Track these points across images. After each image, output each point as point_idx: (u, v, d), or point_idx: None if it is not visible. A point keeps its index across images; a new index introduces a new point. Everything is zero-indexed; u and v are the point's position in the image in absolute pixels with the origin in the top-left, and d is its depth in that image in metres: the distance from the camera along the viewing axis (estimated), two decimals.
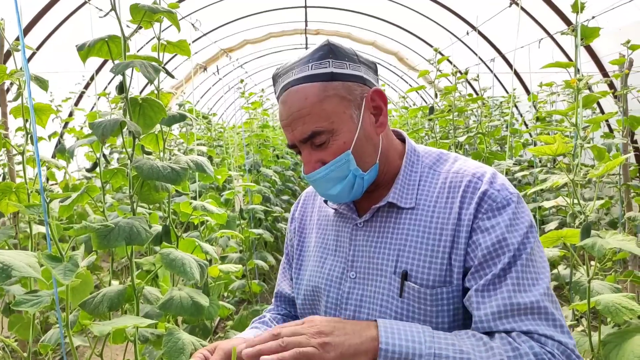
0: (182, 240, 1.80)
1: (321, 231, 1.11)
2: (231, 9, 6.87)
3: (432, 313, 0.91)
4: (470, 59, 6.59)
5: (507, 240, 0.87)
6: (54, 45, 4.84)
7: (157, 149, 1.82)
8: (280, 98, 0.95)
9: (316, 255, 1.09)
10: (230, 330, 2.58)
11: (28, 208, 1.02)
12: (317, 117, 0.90)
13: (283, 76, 0.96)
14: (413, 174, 1.00)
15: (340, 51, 0.94)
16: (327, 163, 0.93)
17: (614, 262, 2.93)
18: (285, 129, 0.94)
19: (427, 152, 1.04)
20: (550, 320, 0.84)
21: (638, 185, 3.41)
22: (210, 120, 6.17)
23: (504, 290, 0.85)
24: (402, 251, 0.95)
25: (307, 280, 1.09)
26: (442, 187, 0.96)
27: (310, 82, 0.91)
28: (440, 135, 4.06)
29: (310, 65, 0.92)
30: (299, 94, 0.91)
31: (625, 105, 3.05)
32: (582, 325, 2.34)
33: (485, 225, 0.89)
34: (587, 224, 1.44)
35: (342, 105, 0.91)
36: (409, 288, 0.92)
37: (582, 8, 1.88)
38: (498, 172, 0.97)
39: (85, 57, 1.30)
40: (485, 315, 0.85)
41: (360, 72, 0.95)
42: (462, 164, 0.98)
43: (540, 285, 0.86)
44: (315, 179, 0.94)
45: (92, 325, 1.01)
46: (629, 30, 4.03)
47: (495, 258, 0.87)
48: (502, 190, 0.91)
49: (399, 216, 0.97)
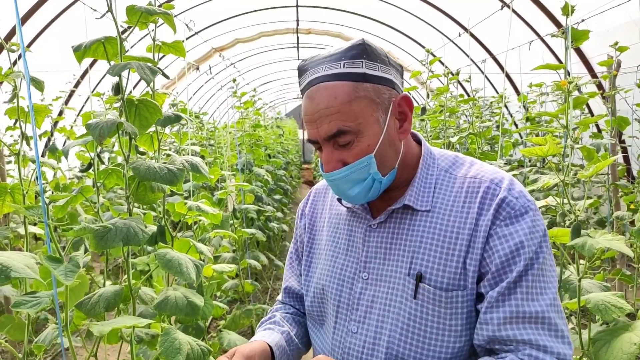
0: (176, 241, 1.80)
1: (332, 229, 1.10)
2: (223, 8, 6.85)
3: (447, 315, 0.92)
4: (461, 60, 6.64)
5: (524, 249, 0.88)
6: (43, 44, 4.80)
7: (151, 149, 1.81)
8: (306, 92, 0.93)
9: (327, 254, 1.08)
10: (224, 330, 2.58)
11: (28, 209, 1.02)
12: (345, 117, 0.89)
13: (312, 69, 0.93)
14: (429, 176, 0.99)
15: (374, 52, 0.92)
16: (348, 164, 0.92)
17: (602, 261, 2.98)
18: (309, 124, 0.93)
19: (443, 155, 1.04)
20: (553, 330, 0.87)
21: (626, 184, 3.46)
22: (202, 120, 6.15)
23: (513, 298, 0.87)
24: (417, 253, 0.95)
25: (317, 279, 1.09)
26: (459, 191, 0.96)
27: (341, 80, 0.89)
28: (432, 135, 4.09)
29: (343, 63, 0.90)
30: (329, 91, 0.89)
31: (613, 106, 3.10)
32: (572, 323, 2.38)
33: (504, 232, 0.89)
34: (577, 224, 1.47)
35: (371, 107, 0.90)
36: (424, 290, 0.92)
37: (572, 11, 1.91)
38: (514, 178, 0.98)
39: (81, 58, 1.30)
40: (491, 320, 0.88)
41: (390, 76, 0.94)
42: (479, 168, 0.98)
43: (547, 295, 0.88)
44: (335, 179, 0.94)
45: (91, 325, 1.01)
46: (616, 31, 4.10)
47: (512, 265, 0.88)
48: (520, 198, 0.92)
49: (415, 218, 0.97)
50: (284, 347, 1.08)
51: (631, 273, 2.75)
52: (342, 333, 1.02)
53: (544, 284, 0.89)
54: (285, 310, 1.21)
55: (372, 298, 0.98)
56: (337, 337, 1.02)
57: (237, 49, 8.58)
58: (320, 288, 1.07)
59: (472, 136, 3.14)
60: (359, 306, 1.00)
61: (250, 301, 3.89)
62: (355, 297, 1.00)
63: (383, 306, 0.97)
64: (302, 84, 0.95)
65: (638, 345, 1.31)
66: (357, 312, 1.00)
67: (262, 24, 7.96)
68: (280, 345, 1.07)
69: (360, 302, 1.00)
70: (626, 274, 2.68)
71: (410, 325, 0.93)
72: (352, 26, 8.00)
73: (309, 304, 1.12)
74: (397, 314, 0.95)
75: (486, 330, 0.88)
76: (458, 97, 4.00)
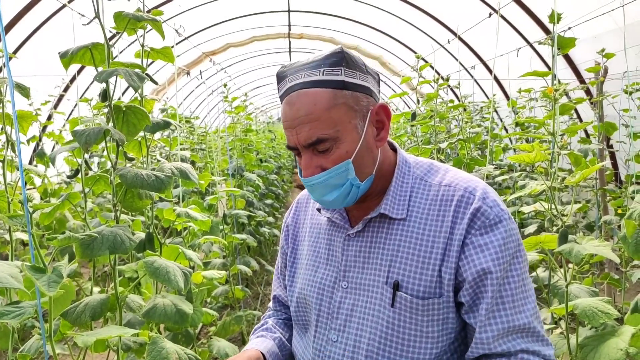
0: (165, 247, 1.79)
1: (313, 239, 1.11)
2: (214, 13, 6.84)
3: (423, 322, 0.93)
4: (452, 65, 6.69)
5: (500, 260, 0.90)
6: (32, 48, 4.76)
7: (139, 155, 1.80)
8: (286, 98, 0.94)
9: (308, 263, 1.10)
10: (214, 337, 2.56)
11: (11, 218, 1.00)
12: (324, 124, 0.90)
13: (291, 76, 0.94)
14: (404, 184, 1.00)
15: (353, 60, 0.93)
16: (326, 169, 0.93)
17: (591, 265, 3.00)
18: (288, 130, 0.93)
19: (418, 162, 1.05)
20: (536, 336, 0.91)
21: (614, 189, 3.50)
22: (192, 124, 6.12)
23: (503, 314, 0.90)
24: (394, 262, 0.96)
25: (299, 289, 1.10)
26: (433, 200, 0.97)
27: (321, 87, 0.90)
28: (422, 140, 4.11)
29: (322, 70, 0.91)
30: (309, 98, 0.90)
31: (601, 111, 3.13)
32: (561, 327, 2.40)
33: (479, 241, 0.91)
34: (564, 230, 1.48)
35: (349, 114, 0.91)
36: (401, 298, 0.94)
37: (559, 19, 1.93)
38: (489, 186, 0.99)
39: (68, 64, 1.29)
40: (487, 339, 0.90)
41: (368, 84, 0.95)
42: (454, 176, 0.99)
43: (530, 304, 0.92)
44: (314, 184, 0.94)
45: (75, 336, 1.00)
46: (604, 37, 4.15)
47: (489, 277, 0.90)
48: (494, 207, 0.93)
49: (391, 227, 0.98)
50: (276, 353, 1.11)
51: (619, 277, 2.77)
52: (322, 342, 1.03)
53: (526, 292, 0.92)
54: (277, 317, 1.23)
55: (351, 307, 1.00)
56: (318, 346, 1.04)
57: (229, 53, 8.57)
58: (303, 298, 1.09)
59: (461, 142, 3.16)
60: (339, 315, 1.01)
61: (240, 307, 3.87)
62: (335, 305, 1.02)
63: (362, 315, 0.98)
64: (281, 90, 0.96)
65: (624, 351, 1.32)
66: (337, 320, 1.01)
67: (254, 29, 7.96)
68: (273, 352, 1.10)
69: (340, 311, 1.01)
70: (614, 277, 2.71)
71: (388, 333, 0.95)
72: (344, 31, 8.03)
73: (293, 313, 1.13)
74: (375, 322, 0.96)
75: (481, 349, 0.91)
76: (448, 102, 4.03)
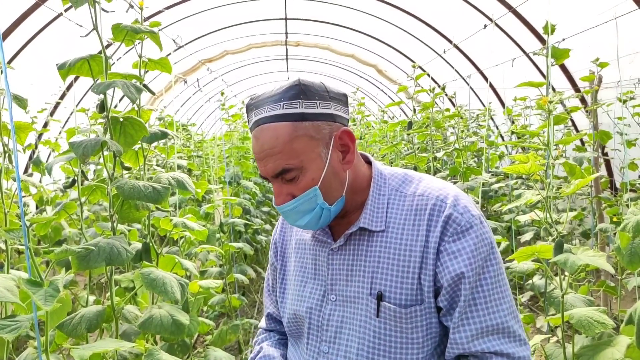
0: (162, 258, 1.79)
1: (300, 255, 1.14)
2: (211, 20, 6.87)
3: (408, 330, 0.97)
4: (449, 74, 6.73)
5: (473, 264, 0.94)
6: (29, 55, 4.76)
7: (136, 165, 1.80)
8: (253, 132, 0.99)
9: (297, 279, 1.13)
10: (210, 347, 2.55)
11: (7, 232, 1.00)
12: (287, 156, 0.94)
13: (255, 110, 0.98)
14: (381, 197, 1.04)
15: (311, 90, 0.96)
16: (296, 197, 0.97)
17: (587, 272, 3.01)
18: (258, 162, 0.99)
19: (393, 174, 1.08)
20: (512, 336, 0.95)
21: (609, 197, 3.52)
22: (189, 131, 6.13)
23: (476, 315, 0.94)
24: (376, 273, 1.00)
25: (290, 304, 1.12)
26: (409, 210, 1.01)
27: (281, 121, 0.94)
28: (419, 148, 4.13)
29: (282, 104, 0.95)
30: (270, 132, 0.95)
31: (595, 120, 3.16)
32: (557, 336, 2.40)
33: (452, 248, 0.96)
34: (560, 240, 1.49)
35: (311, 144, 0.95)
36: (385, 308, 0.98)
37: (553, 30, 1.96)
38: (461, 191, 1.03)
39: (66, 75, 1.29)
40: (460, 339, 0.95)
41: (330, 110, 0.98)
42: (427, 185, 1.03)
43: (505, 304, 0.96)
44: (286, 211, 0.99)
45: (72, 349, 1.00)
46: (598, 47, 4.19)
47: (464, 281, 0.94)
48: (465, 214, 0.97)
49: (371, 239, 1.02)
50: None
51: (615, 284, 2.78)
52: (314, 354, 1.06)
53: (501, 293, 0.96)
54: (271, 339, 1.24)
55: (341, 319, 1.03)
56: (310, 358, 1.07)
57: (226, 60, 8.60)
58: (293, 313, 1.11)
59: (457, 151, 3.18)
60: (329, 327, 1.04)
61: (237, 315, 3.86)
62: (325, 318, 1.05)
63: (351, 326, 1.02)
64: (250, 123, 1.00)
65: None
66: (328, 332, 1.04)
67: (251, 36, 8.00)
68: None
69: (330, 323, 1.04)
70: (610, 285, 2.72)
71: (376, 342, 0.99)
72: (341, 39, 8.07)
73: (286, 326, 1.16)
74: (363, 332, 1.00)
75: (456, 349, 0.96)
76: (444, 111, 4.05)
